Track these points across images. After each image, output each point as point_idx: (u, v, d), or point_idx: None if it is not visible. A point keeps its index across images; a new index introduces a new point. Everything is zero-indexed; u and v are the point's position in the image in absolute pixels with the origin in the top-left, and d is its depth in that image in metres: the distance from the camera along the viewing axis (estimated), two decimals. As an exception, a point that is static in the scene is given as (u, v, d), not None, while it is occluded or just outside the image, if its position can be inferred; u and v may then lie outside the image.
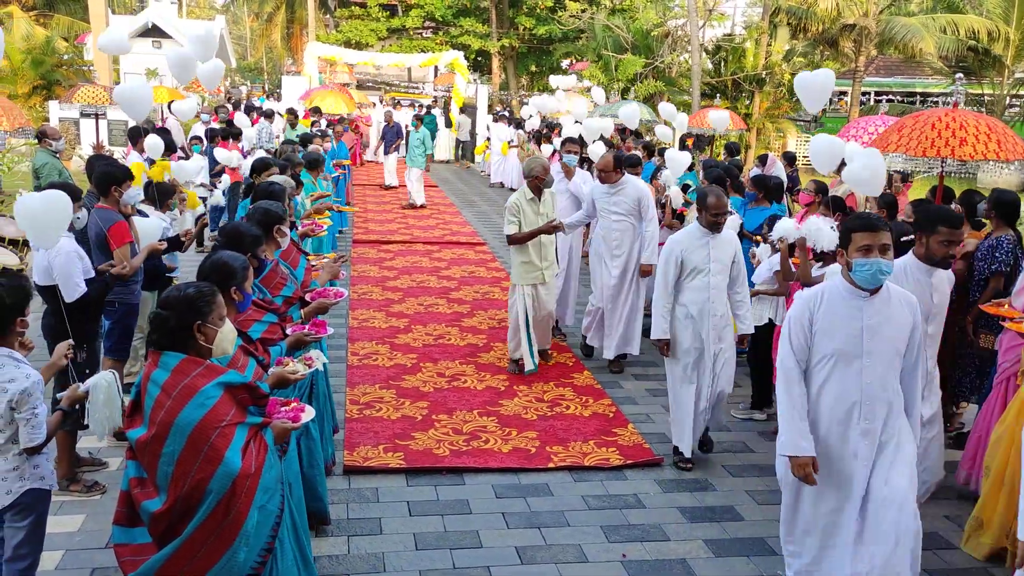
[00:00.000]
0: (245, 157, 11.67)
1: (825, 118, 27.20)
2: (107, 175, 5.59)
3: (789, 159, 12.56)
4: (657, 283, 5.63)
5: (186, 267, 7.36)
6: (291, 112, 16.08)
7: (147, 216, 6.19)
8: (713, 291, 5.53)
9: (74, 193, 5.06)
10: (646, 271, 7.27)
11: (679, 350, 5.60)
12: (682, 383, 5.63)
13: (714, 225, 5.50)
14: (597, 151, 11.76)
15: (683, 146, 12.64)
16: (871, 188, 5.54)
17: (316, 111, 17.80)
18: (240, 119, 14.67)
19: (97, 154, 7.29)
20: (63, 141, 9.15)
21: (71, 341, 3.75)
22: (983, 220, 6.36)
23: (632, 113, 12.59)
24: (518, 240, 7.03)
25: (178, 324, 2.93)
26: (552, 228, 7.11)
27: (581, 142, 9.53)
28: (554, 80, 19.92)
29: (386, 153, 19.25)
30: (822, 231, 5.76)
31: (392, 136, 19.03)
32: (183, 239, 6.21)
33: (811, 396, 3.90)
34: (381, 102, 26.64)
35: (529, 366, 7.21)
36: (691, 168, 10.12)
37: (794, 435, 3.82)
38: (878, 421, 3.82)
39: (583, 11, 27.40)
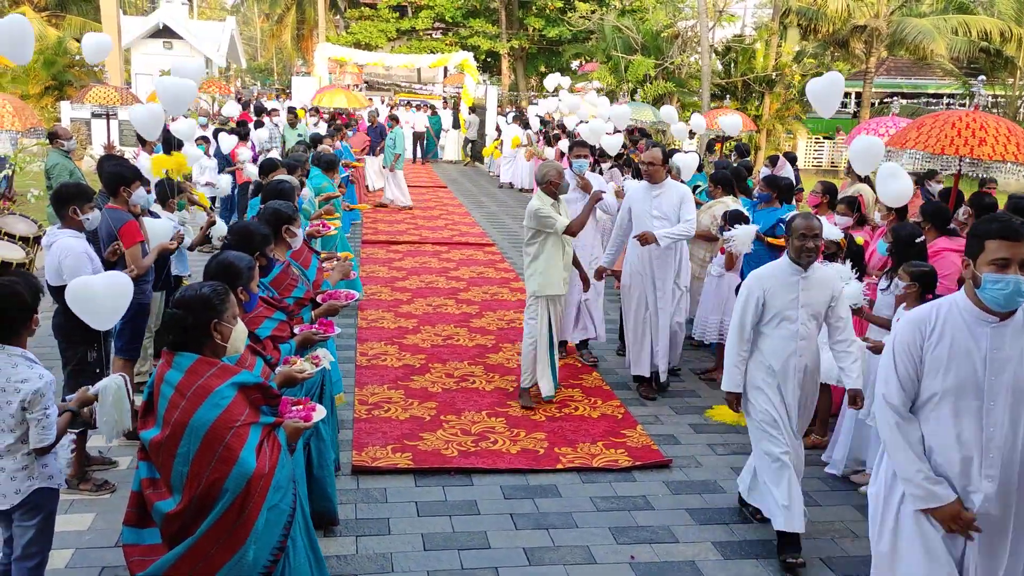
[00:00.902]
0: (255, 160, 11.71)
1: (834, 120, 27.10)
2: (115, 175, 5.61)
3: (790, 159, 12.46)
4: (732, 326, 4.70)
5: (195, 267, 7.37)
6: (291, 111, 16.08)
7: (158, 216, 6.21)
8: (801, 342, 4.52)
9: (86, 194, 5.08)
10: (645, 237, 6.60)
11: (754, 408, 4.67)
12: (766, 441, 4.62)
13: (803, 256, 4.48)
14: (613, 144, 11.74)
15: (711, 149, 12.55)
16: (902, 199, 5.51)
17: (315, 111, 17.75)
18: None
19: (107, 154, 7.33)
20: (74, 141, 9.19)
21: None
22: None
23: (622, 113, 12.59)
24: (574, 229, 6.47)
25: (195, 323, 2.94)
26: (598, 195, 6.81)
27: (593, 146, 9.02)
28: (549, 81, 19.80)
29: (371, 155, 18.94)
30: (830, 233, 5.75)
31: (376, 137, 18.65)
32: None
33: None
34: (383, 102, 26.66)
35: (548, 391, 6.60)
36: (700, 169, 10.10)
37: (925, 483, 3.13)
38: (1010, 480, 3.12)
39: (593, 12, 27.40)
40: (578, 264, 6.90)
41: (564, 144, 16.53)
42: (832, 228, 5.84)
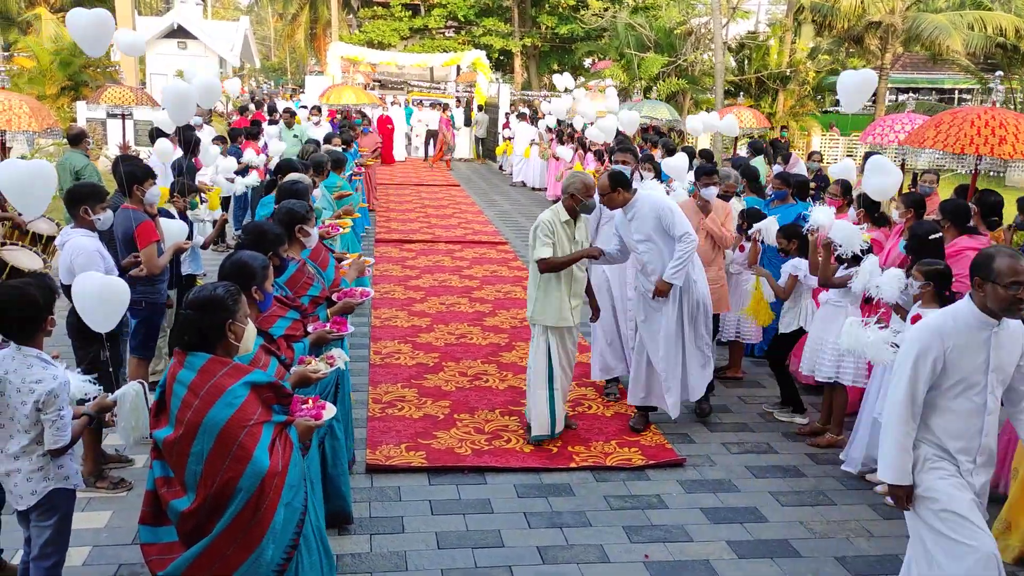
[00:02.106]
0: (267, 159, 11.75)
1: (851, 116, 26.95)
2: (128, 174, 5.65)
3: (755, 148, 12.17)
4: (894, 394, 3.58)
5: (209, 266, 7.41)
6: (287, 112, 16.06)
7: (173, 216, 6.25)
8: (989, 417, 3.53)
9: (98, 194, 5.11)
10: (659, 291, 5.90)
11: (932, 505, 3.54)
12: (954, 545, 3.48)
13: (1013, 309, 3.41)
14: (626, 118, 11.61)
15: (760, 151, 12.28)
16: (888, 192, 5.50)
17: (317, 110, 17.69)
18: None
19: (123, 154, 7.38)
20: (91, 140, 9.23)
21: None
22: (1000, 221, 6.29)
23: (631, 120, 12.48)
24: (555, 266, 5.68)
25: (209, 324, 2.96)
26: (595, 252, 5.83)
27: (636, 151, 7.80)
28: (559, 82, 19.81)
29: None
30: (852, 235, 5.69)
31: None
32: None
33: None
34: (393, 102, 26.66)
35: (537, 430, 5.83)
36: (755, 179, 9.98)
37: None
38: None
39: (605, 10, 27.33)
40: (590, 292, 6.20)
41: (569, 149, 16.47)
42: (853, 231, 5.78)
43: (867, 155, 7.14)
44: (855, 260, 5.77)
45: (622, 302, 6.76)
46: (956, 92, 29.46)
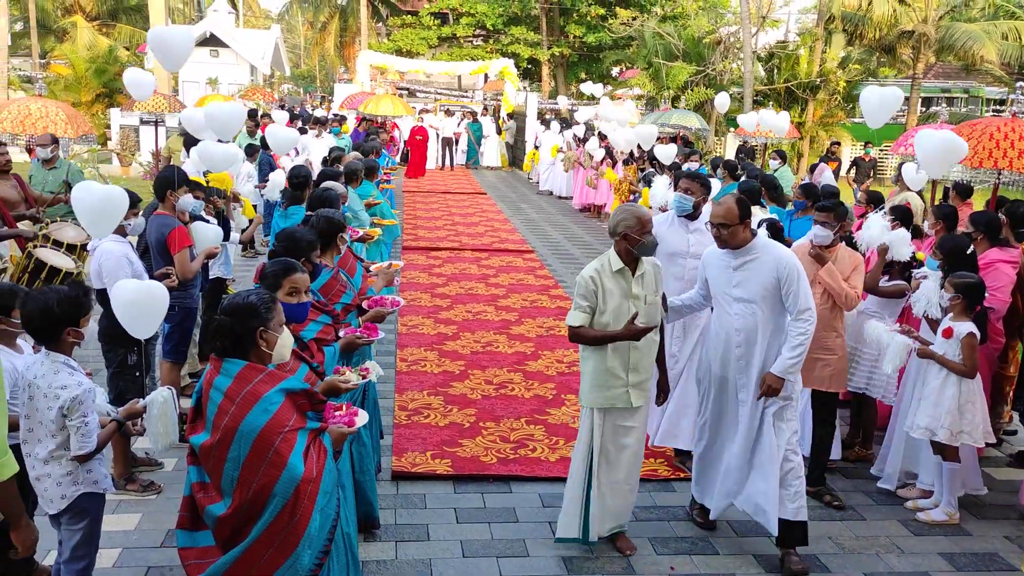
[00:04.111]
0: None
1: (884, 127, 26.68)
2: (163, 180, 5.73)
3: (730, 168, 10.87)
4: None
5: (238, 272, 7.49)
6: (338, 118, 16.26)
7: (208, 221, 6.32)
8: None
9: (131, 200, 5.19)
10: (771, 388, 4.44)
11: None
12: None
13: None
14: (667, 153, 11.64)
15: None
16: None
17: (341, 119, 17.81)
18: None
19: (166, 163, 7.52)
20: (49, 150, 8.58)
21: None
22: None
23: (649, 134, 12.47)
24: (585, 339, 4.40)
25: (242, 330, 2.99)
26: (642, 331, 4.29)
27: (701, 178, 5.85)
28: (586, 88, 19.88)
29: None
30: (903, 242, 5.65)
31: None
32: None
33: None
34: (423, 110, 26.75)
35: (571, 533, 4.59)
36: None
37: None
38: None
39: (634, 19, 27.32)
40: (662, 363, 4.74)
41: (592, 146, 16.42)
42: (906, 243, 5.72)
43: (900, 165, 7.07)
44: (901, 272, 5.73)
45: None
46: (1001, 106, 29.09)
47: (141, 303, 3.94)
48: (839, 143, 17.82)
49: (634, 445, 4.55)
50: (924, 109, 25.82)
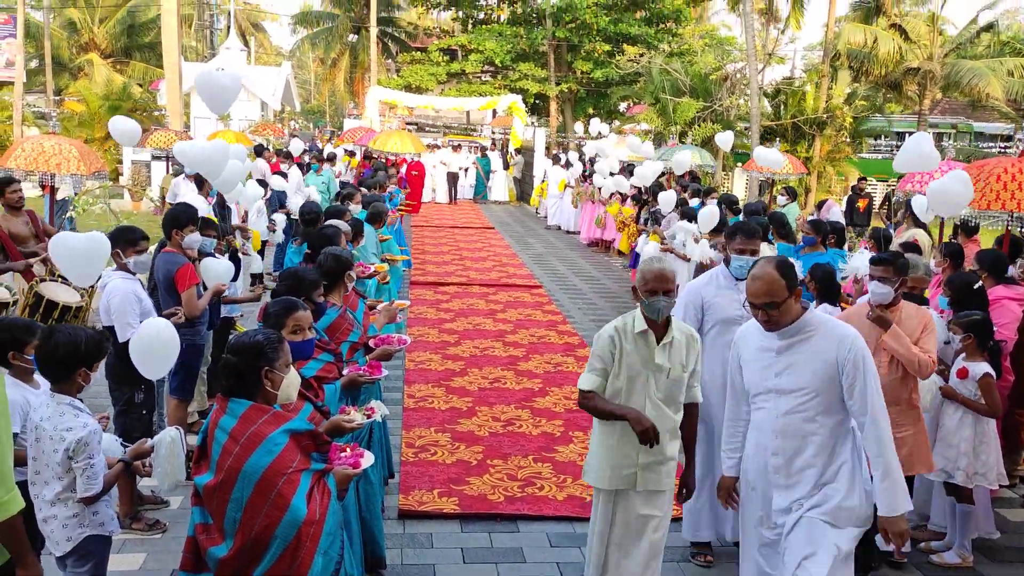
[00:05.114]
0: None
1: (889, 161, 26.78)
2: (170, 219, 5.77)
3: (729, 202, 10.42)
4: None
5: (245, 307, 7.50)
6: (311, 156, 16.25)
7: (218, 258, 6.35)
8: None
9: (128, 237, 5.22)
10: (902, 535, 3.43)
11: None
12: None
13: None
14: (668, 199, 11.66)
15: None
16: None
17: (350, 155, 17.90)
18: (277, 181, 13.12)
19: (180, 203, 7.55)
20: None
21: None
22: None
23: (645, 173, 12.53)
24: (592, 408, 3.85)
25: (247, 370, 3.00)
26: (649, 430, 3.63)
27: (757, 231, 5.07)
28: (594, 127, 20.06)
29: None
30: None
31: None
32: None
33: None
34: (430, 144, 26.96)
35: None
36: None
37: None
38: None
39: (641, 55, 27.58)
40: (690, 446, 4.01)
41: (601, 181, 16.51)
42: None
43: (907, 201, 7.08)
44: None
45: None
46: (1008, 142, 29.17)
47: (155, 344, 3.94)
48: (865, 178, 17.73)
49: (652, 537, 3.80)
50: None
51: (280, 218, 10.98)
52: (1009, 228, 6.32)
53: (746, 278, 3.67)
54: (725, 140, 15.61)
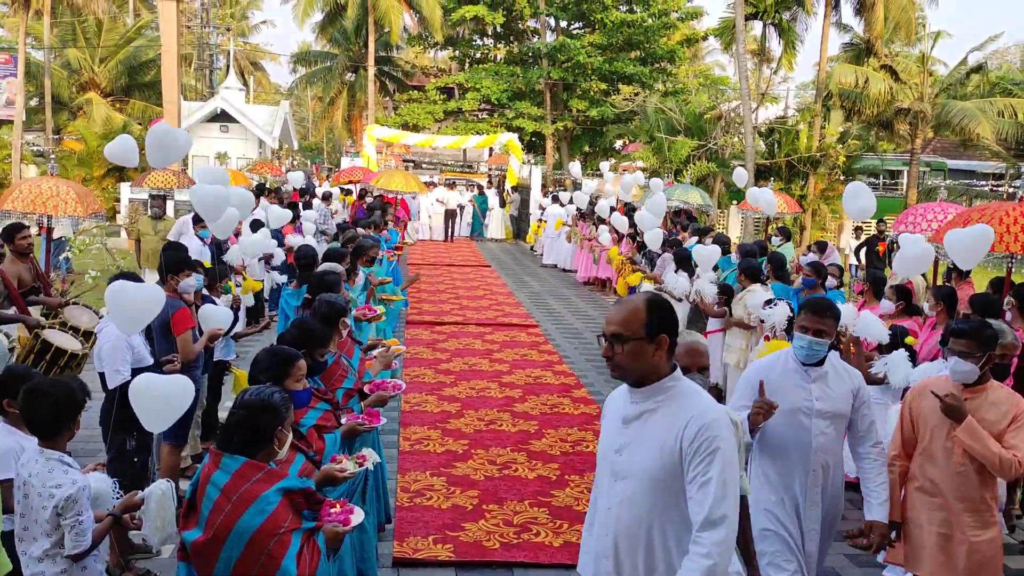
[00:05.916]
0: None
1: (881, 199, 26.98)
2: (165, 264, 5.79)
3: (721, 243, 10.36)
4: None
5: (240, 349, 7.47)
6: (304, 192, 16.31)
7: (216, 303, 6.35)
8: None
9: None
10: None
11: None
12: None
13: None
14: (655, 239, 11.73)
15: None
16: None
17: (347, 192, 18.00)
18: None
19: (171, 241, 7.57)
20: None
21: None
22: None
23: (643, 218, 12.63)
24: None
25: (264, 427, 2.98)
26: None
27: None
28: (604, 165, 20.26)
29: None
30: (870, 325, 5.66)
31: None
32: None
33: None
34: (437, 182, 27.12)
35: None
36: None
37: None
38: None
39: (636, 94, 27.90)
40: (747, 555, 3.44)
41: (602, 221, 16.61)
42: (877, 325, 5.73)
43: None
44: (890, 351, 5.72)
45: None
46: (1000, 181, 29.41)
47: (164, 399, 3.89)
48: (883, 220, 17.66)
49: None
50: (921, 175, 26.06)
51: (278, 252, 10.97)
52: (1011, 269, 6.36)
53: (812, 363, 3.61)
54: (741, 176, 15.58)
